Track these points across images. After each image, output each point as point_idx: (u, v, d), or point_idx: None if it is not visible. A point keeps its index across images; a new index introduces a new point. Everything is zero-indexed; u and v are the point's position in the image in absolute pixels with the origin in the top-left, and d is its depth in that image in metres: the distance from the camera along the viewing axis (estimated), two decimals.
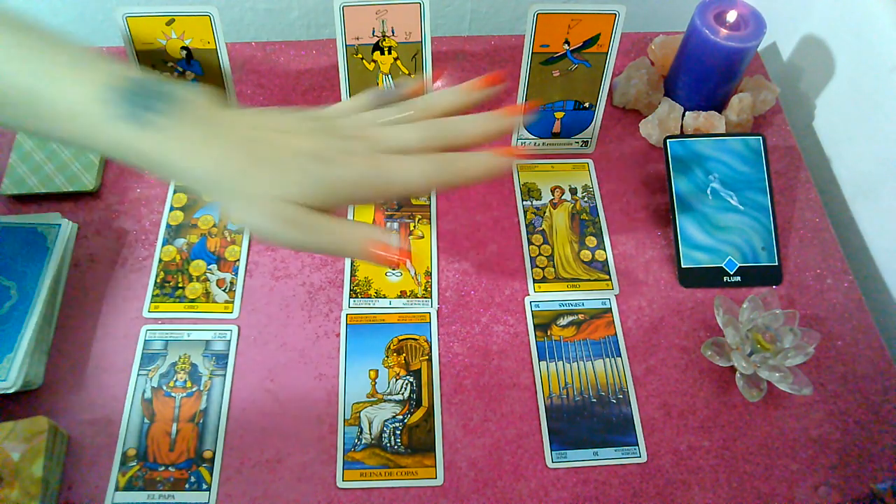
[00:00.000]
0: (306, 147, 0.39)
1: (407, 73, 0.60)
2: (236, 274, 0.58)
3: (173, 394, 0.52)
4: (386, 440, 0.51)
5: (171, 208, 0.61)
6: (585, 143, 0.65)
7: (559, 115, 0.63)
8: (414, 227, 0.61)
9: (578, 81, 0.61)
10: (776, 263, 0.59)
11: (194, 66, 0.58)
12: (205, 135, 0.38)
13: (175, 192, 0.62)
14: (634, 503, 0.49)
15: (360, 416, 0.52)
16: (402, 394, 0.53)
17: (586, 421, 0.52)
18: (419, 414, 0.52)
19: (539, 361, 0.55)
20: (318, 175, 0.39)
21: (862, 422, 0.53)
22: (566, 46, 0.58)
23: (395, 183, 0.41)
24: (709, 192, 0.60)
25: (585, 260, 0.60)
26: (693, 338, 0.56)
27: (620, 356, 0.55)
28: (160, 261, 0.58)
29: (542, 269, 0.59)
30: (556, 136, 0.65)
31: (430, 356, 0.54)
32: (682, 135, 0.63)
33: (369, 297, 0.57)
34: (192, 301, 0.56)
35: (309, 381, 0.53)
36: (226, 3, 0.82)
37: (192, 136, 0.38)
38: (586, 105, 0.62)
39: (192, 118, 0.38)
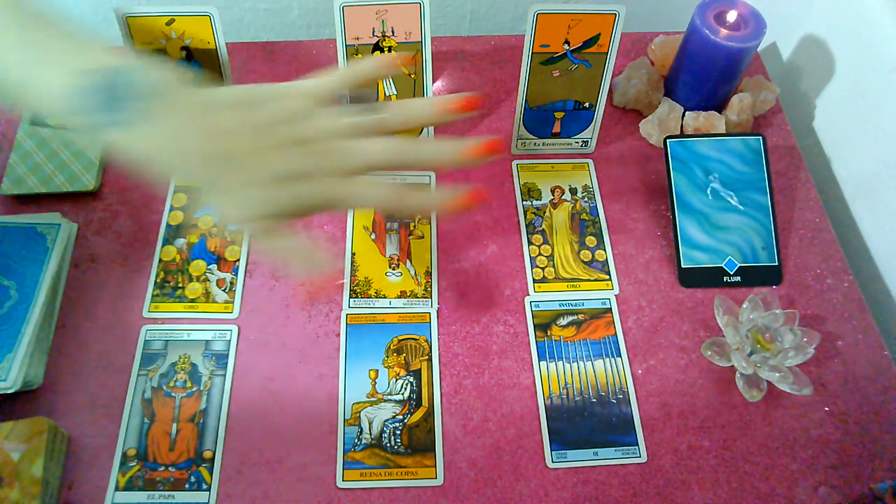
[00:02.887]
0: (277, 167, 0.40)
1: (407, 73, 0.60)
2: (236, 274, 0.58)
3: (173, 394, 0.52)
4: (386, 440, 0.51)
5: (171, 208, 0.61)
6: (585, 143, 0.65)
7: (559, 115, 0.63)
8: (414, 227, 0.61)
9: (578, 81, 0.61)
10: (776, 263, 0.59)
11: (194, 66, 0.58)
12: (172, 139, 0.39)
13: (175, 192, 0.62)
14: (634, 503, 0.49)
15: (360, 416, 0.52)
16: (402, 394, 0.53)
17: (586, 421, 0.52)
18: (419, 414, 0.52)
19: (539, 361, 0.55)
20: (287, 198, 0.40)
21: (862, 422, 0.53)
22: (566, 46, 0.58)
23: (348, 205, 0.42)
24: (709, 192, 0.60)
25: (585, 260, 0.60)
26: (693, 338, 0.56)
27: (620, 356, 0.55)
28: (160, 261, 0.58)
29: (542, 269, 0.59)
30: (556, 136, 0.65)
31: (430, 356, 0.54)
32: (682, 135, 0.63)
33: (369, 297, 0.57)
34: (192, 301, 0.56)
35: (309, 381, 0.53)
36: (226, 3, 0.82)
37: (159, 139, 0.38)
38: (586, 105, 0.62)
39: (161, 119, 0.38)
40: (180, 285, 0.57)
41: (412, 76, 0.60)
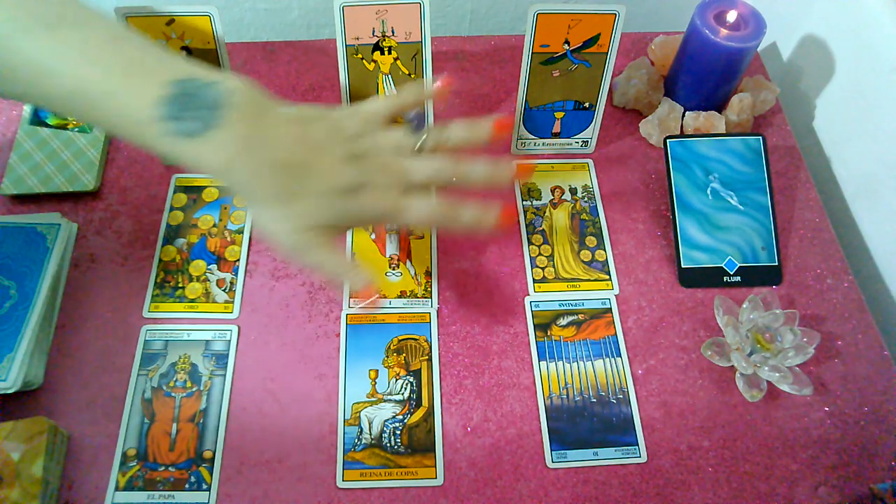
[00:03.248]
0: (339, 180, 0.43)
1: (407, 73, 0.60)
2: (236, 274, 0.58)
3: (173, 394, 0.52)
4: (386, 440, 0.51)
5: (171, 208, 0.61)
6: (585, 143, 0.65)
7: (559, 115, 0.63)
8: (414, 227, 0.61)
9: (578, 81, 0.61)
10: (776, 263, 0.59)
11: None
12: (246, 148, 0.40)
13: (175, 192, 0.62)
14: (634, 503, 0.49)
15: (360, 416, 0.52)
16: (402, 394, 0.53)
17: (586, 421, 0.52)
18: (419, 414, 0.52)
19: (539, 361, 0.55)
20: (345, 209, 0.43)
21: (862, 422, 0.53)
22: (566, 46, 0.58)
23: (403, 220, 0.46)
24: (709, 192, 0.60)
25: (585, 260, 0.60)
26: (693, 338, 0.56)
27: (620, 356, 0.55)
28: (160, 261, 0.58)
29: (542, 269, 0.59)
30: (556, 136, 0.65)
31: (430, 356, 0.54)
32: (682, 135, 0.63)
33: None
34: (192, 301, 0.56)
35: (309, 381, 0.53)
36: (226, 3, 0.82)
37: (234, 148, 0.40)
38: (586, 105, 0.62)
39: (235, 129, 0.40)
40: (180, 285, 0.57)
41: (412, 76, 0.60)
